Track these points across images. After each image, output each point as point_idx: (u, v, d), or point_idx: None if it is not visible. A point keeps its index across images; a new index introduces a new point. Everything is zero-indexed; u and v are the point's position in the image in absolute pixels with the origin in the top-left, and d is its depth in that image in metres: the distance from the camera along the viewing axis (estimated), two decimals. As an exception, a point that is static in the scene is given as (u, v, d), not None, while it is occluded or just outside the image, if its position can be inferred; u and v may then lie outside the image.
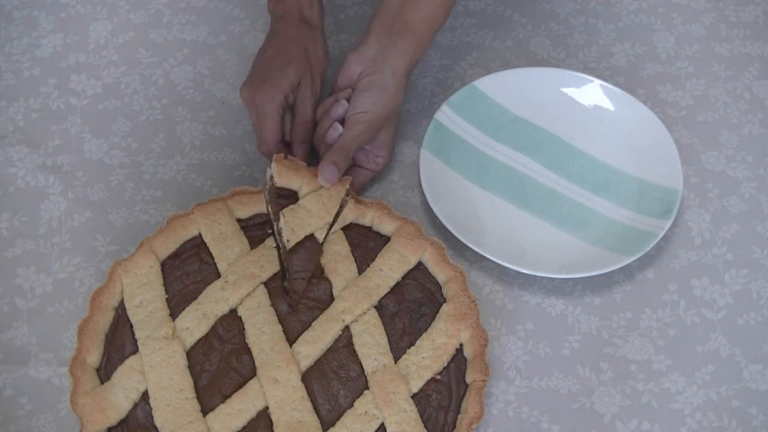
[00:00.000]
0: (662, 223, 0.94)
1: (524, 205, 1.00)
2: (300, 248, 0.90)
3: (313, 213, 0.91)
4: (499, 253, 0.93)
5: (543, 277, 0.94)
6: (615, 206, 0.99)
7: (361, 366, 0.86)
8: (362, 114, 0.93)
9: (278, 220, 0.91)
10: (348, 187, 0.94)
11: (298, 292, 0.89)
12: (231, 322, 0.88)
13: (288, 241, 0.89)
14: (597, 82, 1.06)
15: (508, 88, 1.07)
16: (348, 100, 0.95)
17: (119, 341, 0.87)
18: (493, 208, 0.99)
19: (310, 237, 0.90)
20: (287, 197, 0.92)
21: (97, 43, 1.14)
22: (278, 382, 0.84)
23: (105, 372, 0.85)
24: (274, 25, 1.03)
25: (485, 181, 1.01)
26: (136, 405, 0.84)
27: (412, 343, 0.87)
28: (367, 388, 0.84)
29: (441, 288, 0.91)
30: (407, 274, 0.91)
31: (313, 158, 0.98)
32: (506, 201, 1.00)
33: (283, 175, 0.92)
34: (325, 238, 0.92)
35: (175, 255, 0.92)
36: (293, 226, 0.90)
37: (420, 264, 0.92)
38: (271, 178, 0.93)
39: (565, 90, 1.07)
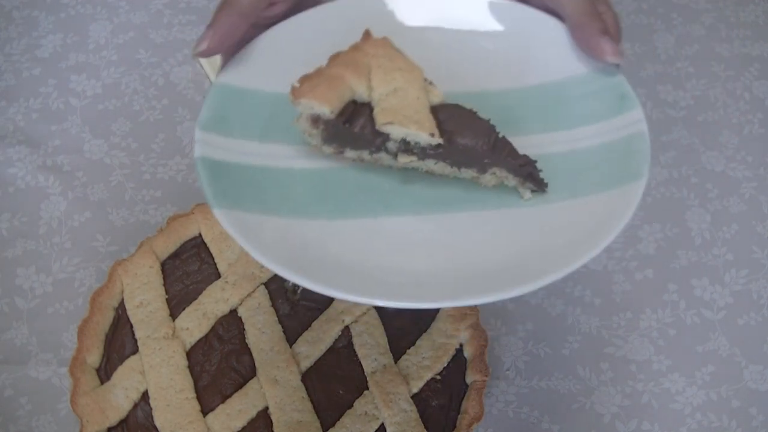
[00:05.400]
0: (625, 116, 0.64)
1: (415, 209, 0.66)
2: (445, 112, 0.66)
3: (405, 89, 0.66)
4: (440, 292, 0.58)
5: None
6: (547, 134, 0.67)
7: (361, 366, 0.86)
8: None
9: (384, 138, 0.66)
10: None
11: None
12: (231, 323, 0.88)
13: (434, 134, 0.64)
14: None
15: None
16: None
17: (119, 341, 0.87)
18: (379, 239, 0.64)
19: (441, 106, 0.67)
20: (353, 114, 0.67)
21: (97, 43, 1.14)
22: (278, 382, 0.84)
23: (105, 372, 0.85)
24: None
25: (333, 207, 0.66)
26: (136, 405, 0.84)
27: (412, 343, 0.87)
28: (367, 388, 0.84)
29: (441, 288, 0.91)
30: (407, 274, 0.91)
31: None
32: (393, 216, 0.65)
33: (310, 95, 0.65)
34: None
35: (175, 255, 0.92)
36: (396, 116, 0.65)
37: (420, 264, 0.92)
38: (299, 116, 0.67)
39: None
